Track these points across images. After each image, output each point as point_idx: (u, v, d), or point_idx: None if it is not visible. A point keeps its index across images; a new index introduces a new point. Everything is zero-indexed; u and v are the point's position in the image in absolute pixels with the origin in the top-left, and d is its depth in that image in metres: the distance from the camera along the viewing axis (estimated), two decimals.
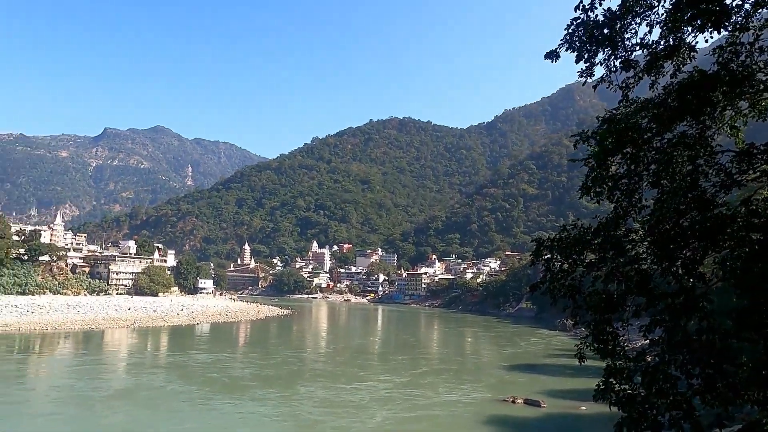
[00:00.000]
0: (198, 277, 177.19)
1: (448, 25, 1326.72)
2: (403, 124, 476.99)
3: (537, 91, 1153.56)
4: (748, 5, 7.98)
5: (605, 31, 8.76)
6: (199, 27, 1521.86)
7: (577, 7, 8.78)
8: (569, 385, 43.34)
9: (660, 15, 8.53)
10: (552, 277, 8.80)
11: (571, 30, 8.94)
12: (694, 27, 8.03)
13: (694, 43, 8.45)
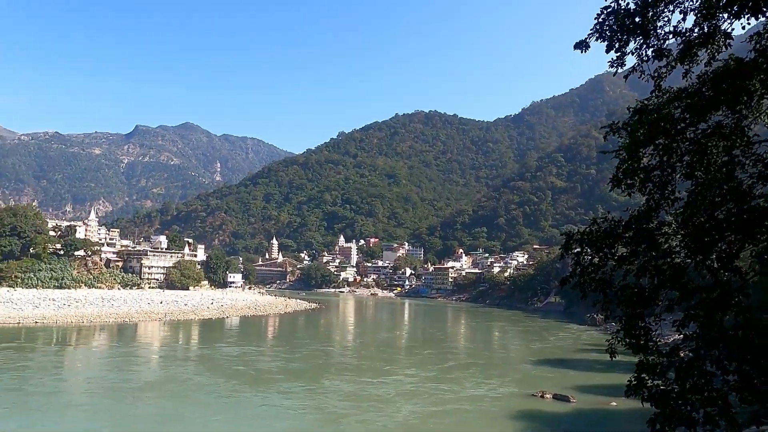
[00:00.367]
0: (227, 272, 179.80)
1: (475, 18, 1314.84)
2: (429, 117, 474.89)
3: (565, 82, 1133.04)
4: None
5: (637, 19, 8.55)
6: (225, 25, 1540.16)
7: None
8: (599, 380, 42.83)
9: (694, 1, 8.30)
10: (582, 271, 8.68)
11: (601, 19, 8.76)
12: (730, 13, 7.81)
13: (729, 30, 8.21)
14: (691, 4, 8.33)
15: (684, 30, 8.54)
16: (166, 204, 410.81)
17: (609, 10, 8.68)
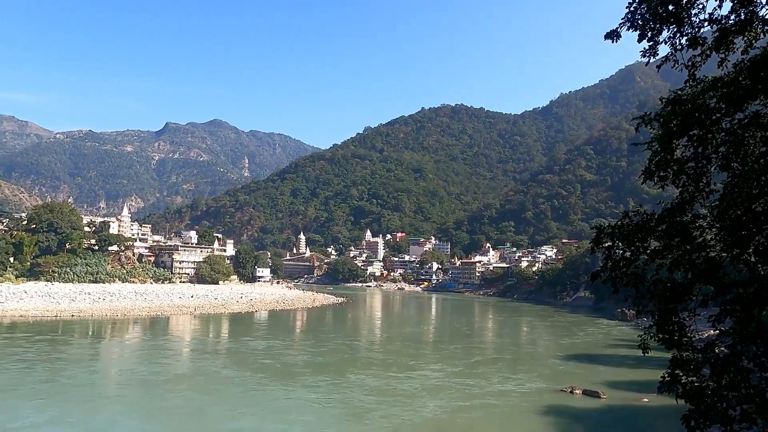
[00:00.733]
0: (256, 266, 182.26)
1: (502, 9, 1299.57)
2: (455, 111, 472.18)
3: (595, 73, 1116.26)
4: None
5: (670, 7, 8.34)
6: (250, 24, 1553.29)
7: None
8: (631, 376, 42.18)
9: None
10: (613, 265, 8.55)
11: (632, 8, 8.57)
12: None
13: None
14: None
15: (720, 17, 8.30)
16: (195, 200, 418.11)
17: None
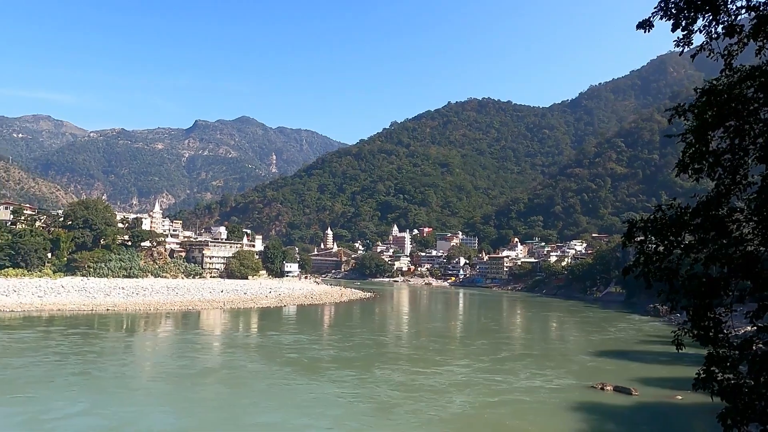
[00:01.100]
0: (284, 261, 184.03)
1: (528, 0, 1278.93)
2: (482, 105, 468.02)
3: (625, 64, 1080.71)
4: None
5: None
6: (278, 20, 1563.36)
7: None
8: (663, 373, 41.40)
9: None
10: (646, 260, 8.38)
11: None
12: None
13: None
14: None
15: (758, 4, 8.03)
16: (224, 196, 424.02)
17: None
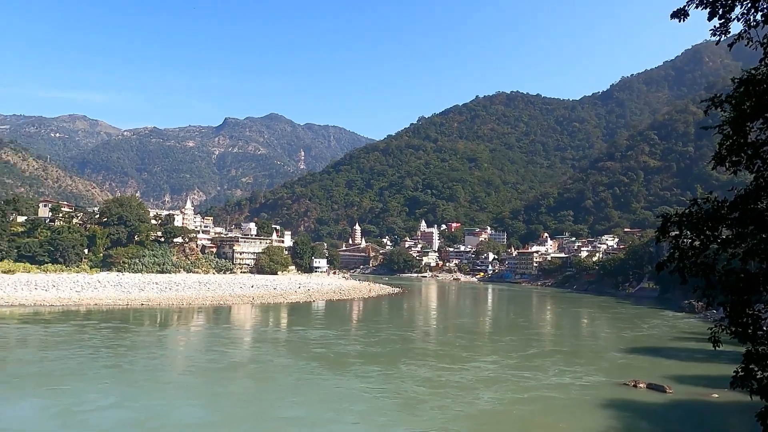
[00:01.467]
0: (313, 257, 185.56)
1: None
2: (510, 98, 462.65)
3: (658, 54, 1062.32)
4: None
5: None
6: (309, 18, 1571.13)
7: None
8: (698, 370, 40.46)
9: None
10: (681, 254, 8.20)
11: None
12: None
13: None
14: None
15: None
16: (254, 192, 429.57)
17: None
